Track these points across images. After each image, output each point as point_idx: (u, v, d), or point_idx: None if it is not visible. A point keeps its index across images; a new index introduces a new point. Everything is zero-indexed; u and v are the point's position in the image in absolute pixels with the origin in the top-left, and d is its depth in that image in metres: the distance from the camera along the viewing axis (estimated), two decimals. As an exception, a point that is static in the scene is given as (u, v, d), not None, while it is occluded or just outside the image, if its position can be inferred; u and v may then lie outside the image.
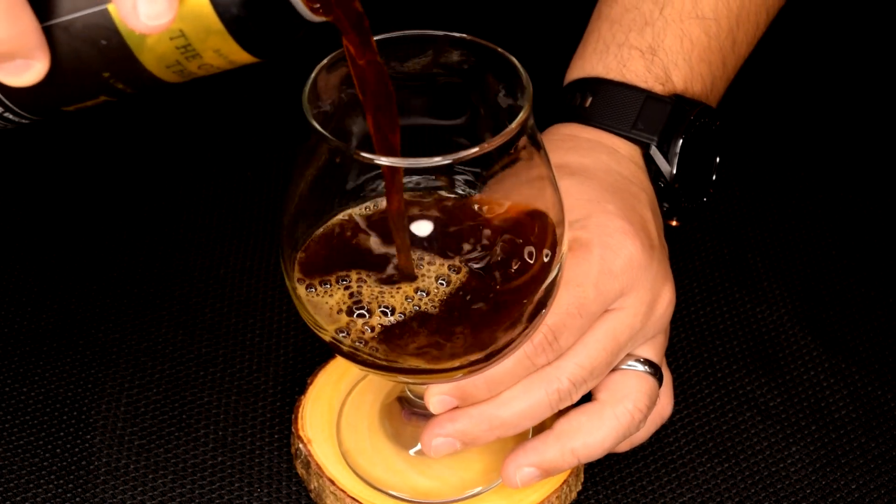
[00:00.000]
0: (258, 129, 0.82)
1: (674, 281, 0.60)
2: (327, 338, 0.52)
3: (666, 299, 0.59)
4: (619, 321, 0.57)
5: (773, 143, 0.84)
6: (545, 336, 0.55)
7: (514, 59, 0.51)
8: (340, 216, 0.54)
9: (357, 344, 0.51)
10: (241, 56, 0.46)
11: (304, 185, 0.51)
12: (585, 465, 0.63)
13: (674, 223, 0.67)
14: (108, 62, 0.45)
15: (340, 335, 0.51)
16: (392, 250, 0.52)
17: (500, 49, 0.52)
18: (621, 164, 0.63)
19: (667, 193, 0.65)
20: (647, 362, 0.59)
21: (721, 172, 0.68)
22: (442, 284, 0.51)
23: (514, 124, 0.48)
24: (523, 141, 0.50)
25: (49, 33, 0.45)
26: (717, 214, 0.78)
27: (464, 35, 0.53)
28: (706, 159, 0.67)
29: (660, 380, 0.59)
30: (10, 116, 0.49)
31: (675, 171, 0.64)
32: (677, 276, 0.73)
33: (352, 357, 0.52)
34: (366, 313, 0.51)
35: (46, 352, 0.67)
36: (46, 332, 0.68)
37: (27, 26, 0.43)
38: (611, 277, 0.56)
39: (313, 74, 0.51)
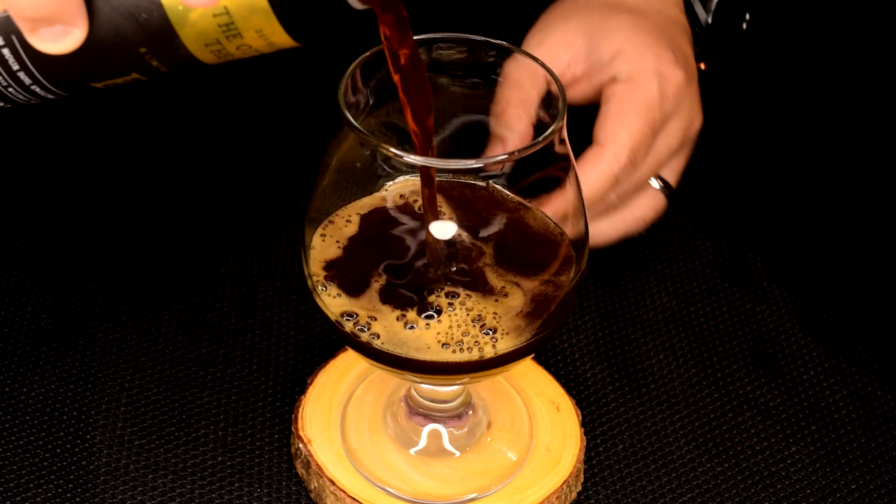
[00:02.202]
0: (258, 129, 0.82)
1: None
2: (340, 324, 0.53)
3: (698, 122, 0.69)
4: (663, 142, 0.67)
5: (773, 143, 0.84)
6: (629, 158, 0.64)
7: (550, 70, 0.53)
8: (368, 206, 0.55)
9: (363, 332, 0.51)
10: (281, 38, 0.45)
11: (333, 175, 0.53)
12: (585, 465, 0.63)
13: (703, 66, 0.74)
14: (146, 36, 0.45)
15: (347, 320, 0.52)
16: (416, 241, 0.53)
17: (538, 60, 0.53)
18: (668, 7, 0.72)
19: (699, 39, 0.74)
20: (663, 181, 0.67)
21: (750, 29, 0.76)
22: (459, 284, 0.52)
23: (548, 133, 0.50)
24: (552, 148, 0.51)
25: (90, 2, 0.44)
26: (717, 214, 0.78)
27: (502, 42, 0.54)
28: (737, 14, 0.75)
29: (671, 199, 0.67)
30: (37, 90, 0.48)
31: (710, 20, 0.72)
32: (677, 276, 0.74)
33: (361, 347, 0.52)
34: (385, 302, 0.52)
35: (46, 352, 0.67)
36: (46, 332, 0.68)
37: None
38: (666, 101, 0.66)
39: (350, 69, 0.52)
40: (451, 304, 0.52)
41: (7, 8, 0.44)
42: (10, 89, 0.48)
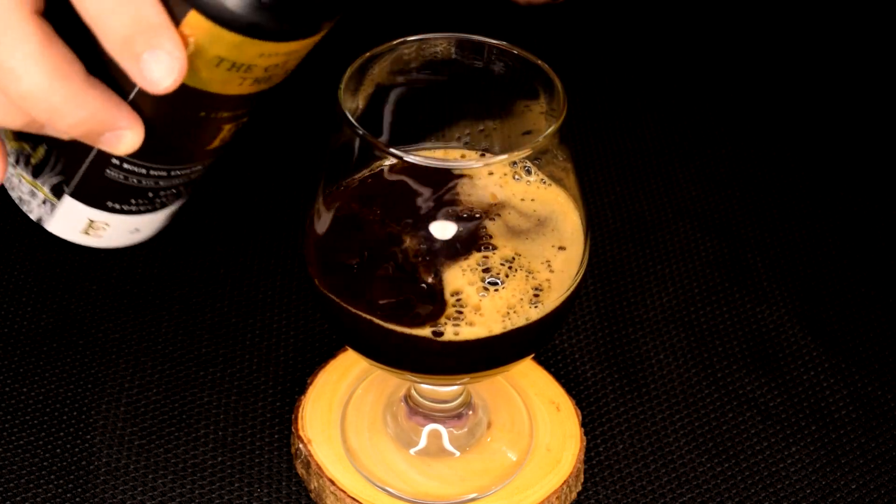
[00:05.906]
0: (257, 129, 0.82)
1: None
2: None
3: None
4: None
5: (773, 143, 0.84)
6: None
7: (552, 73, 0.53)
8: (360, 201, 0.55)
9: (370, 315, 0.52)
10: (284, 48, 0.44)
11: (331, 172, 0.53)
12: (585, 465, 0.63)
13: None
14: (193, 105, 0.46)
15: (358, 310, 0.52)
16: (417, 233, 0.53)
17: (540, 62, 0.53)
18: None
19: None
20: None
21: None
22: (474, 283, 0.52)
23: (549, 132, 0.50)
24: (553, 145, 0.51)
25: (135, 102, 0.45)
26: (717, 214, 0.78)
27: (503, 42, 0.54)
28: None
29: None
30: (163, 175, 0.49)
31: None
32: (677, 276, 0.74)
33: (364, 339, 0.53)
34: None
35: (46, 352, 0.67)
36: (46, 332, 0.68)
37: (95, 105, 0.44)
38: None
39: (350, 69, 0.52)
40: (492, 285, 0.52)
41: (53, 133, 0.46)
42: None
